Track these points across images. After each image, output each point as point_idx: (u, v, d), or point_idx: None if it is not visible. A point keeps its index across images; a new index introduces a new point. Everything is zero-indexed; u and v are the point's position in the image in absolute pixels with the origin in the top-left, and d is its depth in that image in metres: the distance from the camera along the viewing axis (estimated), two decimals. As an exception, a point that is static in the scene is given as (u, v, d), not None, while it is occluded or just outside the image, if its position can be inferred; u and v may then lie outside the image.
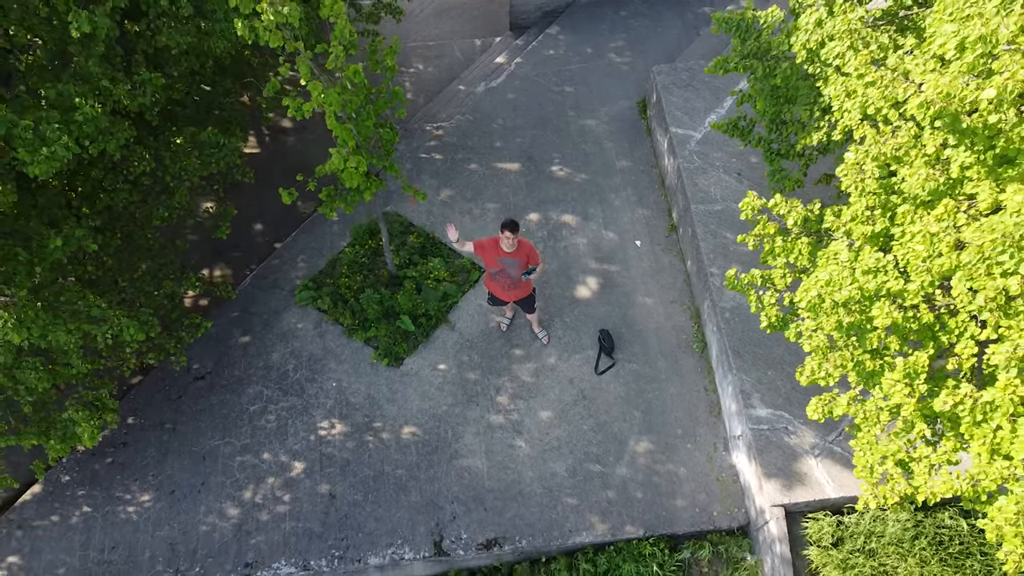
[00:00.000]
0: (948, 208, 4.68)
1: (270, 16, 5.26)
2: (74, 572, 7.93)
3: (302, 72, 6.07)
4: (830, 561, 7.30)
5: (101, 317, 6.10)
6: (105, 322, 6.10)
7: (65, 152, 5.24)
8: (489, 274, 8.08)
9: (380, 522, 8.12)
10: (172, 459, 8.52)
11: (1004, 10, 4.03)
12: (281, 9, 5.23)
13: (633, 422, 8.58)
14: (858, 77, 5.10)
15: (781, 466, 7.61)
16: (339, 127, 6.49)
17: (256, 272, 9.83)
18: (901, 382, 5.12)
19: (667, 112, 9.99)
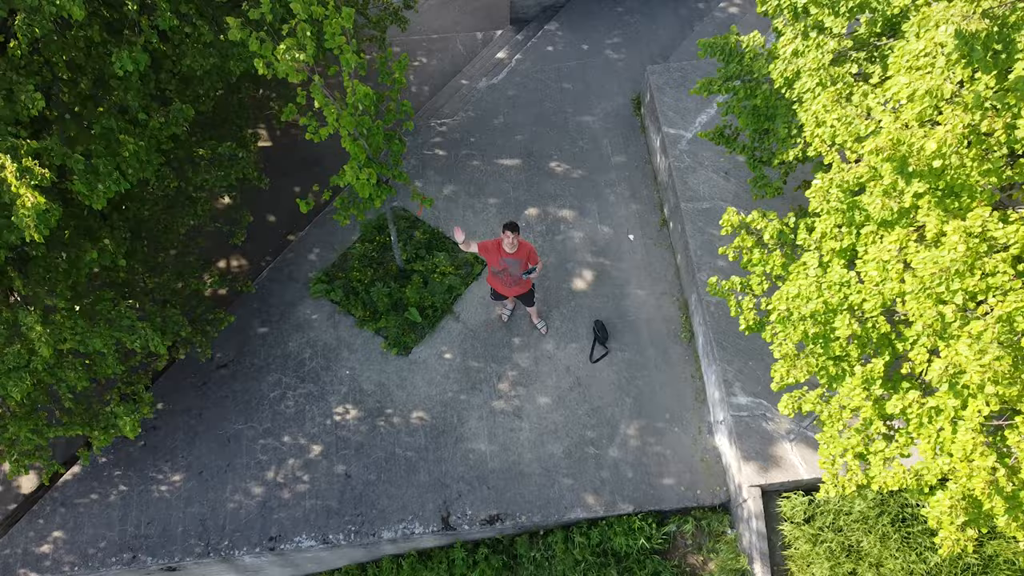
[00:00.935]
0: (900, 237, 5.20)
1: (288, 61, 5.72)
2: (114, 545, 8.63)
3: (316, 98, 6.54)
4: (802, 535, 7.98)
5: (131, 327, 6.68)
6: (135, 332, 6.68)
7: (118, 186, 5.76)
8: (492, 272, 8.62)
9: (392, 499, 8.79)
10: (200, 442, 9.17)
11: (948, 69, 4.51)
12: (297, 56, 5.69)
13: (625, 407, 9.20)
14: (825, 111, 5.58)
15: (759, 449, 8.24)
16: (352, 145, 6.97)
17: (272, 265, 10.37)
18: (859, 386, 5.71)
19: (660, 112, 10.42)
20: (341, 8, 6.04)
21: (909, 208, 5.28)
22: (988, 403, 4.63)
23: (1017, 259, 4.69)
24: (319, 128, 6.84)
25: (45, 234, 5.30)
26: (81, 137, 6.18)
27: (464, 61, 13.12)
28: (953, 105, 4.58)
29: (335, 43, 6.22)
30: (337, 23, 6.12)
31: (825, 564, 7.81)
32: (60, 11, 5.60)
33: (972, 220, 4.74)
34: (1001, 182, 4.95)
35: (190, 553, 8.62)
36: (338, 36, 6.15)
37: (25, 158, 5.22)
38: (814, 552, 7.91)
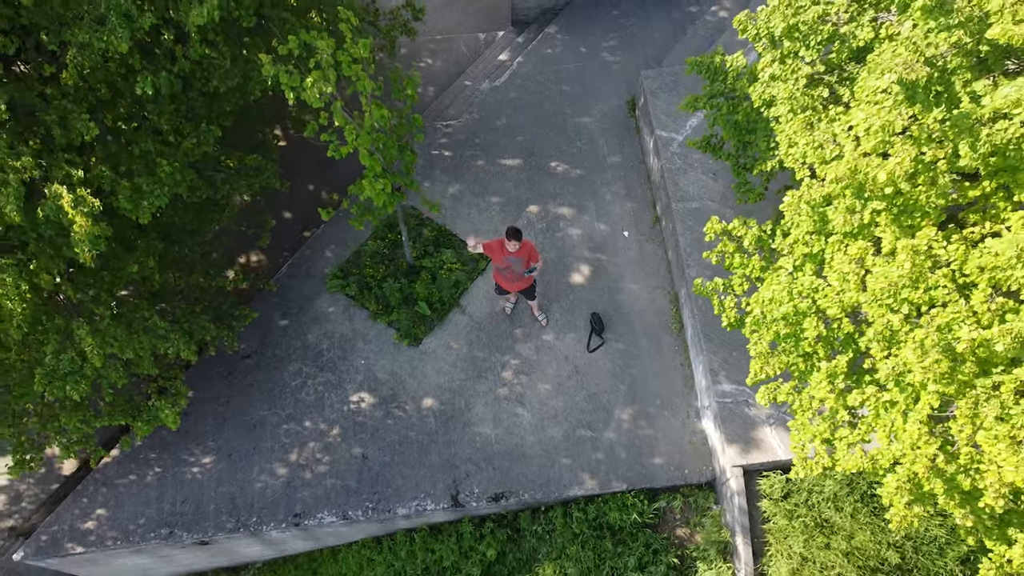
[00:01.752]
0: (859, 250, 5.83)
1: (315, 94, 6.30)
2: (152, 521, 9.37)
3: (337, 119, 7.12)
4: (779, 511, 8.69)
5: (165, 336, 7.33)
6: (168, 340, 7.33)
7: (160, 202, 6.37)
8: (497, 269, 9.25)
9: (406, 479, 9.51)
10: (228, 427, 9.87)
11: (896, 108, 5.09)
12: (325, 89, 6.27)
13: (619, 393, 9.87)
14: (796, 135, 6.17)
15: (741, 433, 8.93)
16: (369, 159, 7.57)
17: (291, 262, 10.99)
18: (825, 381, 6.36)
19: (653, 115, 10.97)
20: (359, 40, 6.60)
21: (868, 223, 5.90)
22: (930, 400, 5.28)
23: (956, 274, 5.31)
24: (340, 147, 7.43)
25: (95, 255, 5.93)
26: (123, 157, 6.78)
27: (467, 62, 13.63)
28: (903, 139, 5.17)
29: (352, 71, 6.79)
30: (355, 52, 6.68)
31: (800, 537, 8.53)
32: (108, 47, 6.18)
33: (920, 239, 5.36)
34: (948, 203, 5.55)
35: (222, 528, 9.35)
36: (355, 65, 6.72)
37: (78, 187, 5.84)
38: (790, 526, 8.63)
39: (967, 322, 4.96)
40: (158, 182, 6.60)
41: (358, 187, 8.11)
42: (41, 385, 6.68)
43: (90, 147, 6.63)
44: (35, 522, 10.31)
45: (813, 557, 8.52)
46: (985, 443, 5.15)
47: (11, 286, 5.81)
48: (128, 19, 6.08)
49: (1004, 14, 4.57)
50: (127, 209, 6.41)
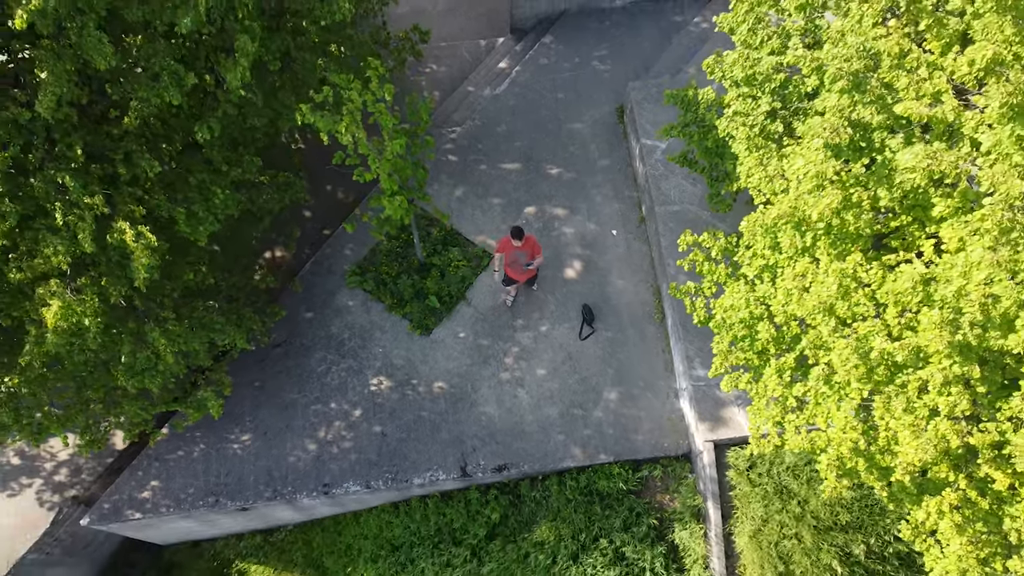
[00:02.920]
0: (803, 267, 6.87)
1: (348, 137, 7.29)
2: (200, 491, 10.58)
3: (361, 148, 8.12)
4: (743, 480, 9.88)
5: (221, 329, 8.42)
6: (224, 333, 8.42)
7: (215, 227, 7.40)
8: (507, 263, 10.36)
9: (420, 453, 10.69)
10: (263, 409, 11.02)
11: (828, 159, 6.10)
12: (358, 135, 7.27)
13: (607, 377, 11.00)
14: (751, 170, 7.17)
15: (713, 412, 10.07)
16: (388, 180, 8.58)
17: (313, 259, 12.03)
18: (775, 374, 7.46)
19: (638, 125, 11.90)
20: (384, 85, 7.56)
21: (810, 246, 6.95)
22: (852, 395, 6.38)
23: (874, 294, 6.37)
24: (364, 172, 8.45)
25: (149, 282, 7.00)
26: (179, 186, 7.80)
27: (470, 67, 14.49)
28: (833, 184, 6.19)
29: (376, 109, 7.77)
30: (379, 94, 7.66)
31: (761, 502, 9.74)
32: (163, 100, 7.16)
33: (848, 263, 6.40)
34: (874, 232, 6.59)
35: (260, 497, 10.56)
36: (379, 104, 7.70)
37: (139, 223, 6.87)
38: (753, 492, 9.82)
39: (880, 334, 6.04)
40: (212, 208, 7.63)
41: (377, 201, 9.13)
42: (123, 380, 7.81)
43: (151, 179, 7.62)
44: (94, 492, 11.51)
45: (772, 519, 9.74)
46: (897, 430, 6.27)
47: (89, 304, 6.88)
48: (177, 77, 7.06)
49: (909, 90, 5.55)
50: (186, 232, 7.45)
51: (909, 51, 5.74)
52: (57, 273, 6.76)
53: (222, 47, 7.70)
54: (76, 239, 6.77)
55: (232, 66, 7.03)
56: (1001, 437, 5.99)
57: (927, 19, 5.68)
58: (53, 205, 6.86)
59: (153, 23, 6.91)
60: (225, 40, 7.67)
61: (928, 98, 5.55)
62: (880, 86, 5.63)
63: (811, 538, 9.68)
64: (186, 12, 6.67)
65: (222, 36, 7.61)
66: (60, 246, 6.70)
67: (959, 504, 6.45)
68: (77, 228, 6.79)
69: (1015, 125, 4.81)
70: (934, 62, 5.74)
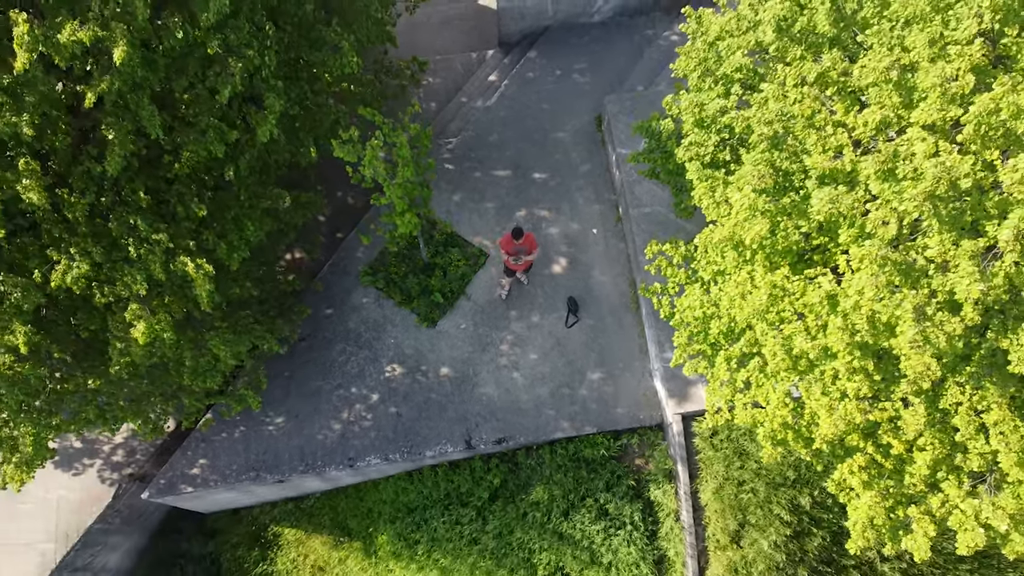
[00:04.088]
0: (744, 277, 8.24)
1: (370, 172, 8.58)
2: (242, 467, 12.03)
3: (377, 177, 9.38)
4: (707, 445, 11.39)
5: (261, 335, 9.77)
6: (264, 339, 9.77)
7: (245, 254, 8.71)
8: (507, 255, 11.67)
9: (431, 430, 12.14)
10: (292, 396, 12.42)
11: (757, 197, 7.42)
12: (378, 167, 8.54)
13: (590, 360, 12.43)
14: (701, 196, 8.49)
15: (680, 389, 11.53)
16: (400, 202, 9.85)
17: (331, 261, 13.32)
18: (724, 362, 8.87)
19: (614, 135, 13.14)
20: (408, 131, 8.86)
21: (750, 259, 8.30)
22: (782, 381, 7.81)
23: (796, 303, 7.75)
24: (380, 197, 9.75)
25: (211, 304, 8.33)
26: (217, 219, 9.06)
27: (462, 79, 15.61)
28: (762, 214, 7.52)
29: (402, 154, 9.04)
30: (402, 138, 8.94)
31: (722, 463, 11.26)
32: (210, 152, 8.39)
33: (777, 276, 7.77)
34: (799, 250, 7.95)
35: (294, 470, 12.02)
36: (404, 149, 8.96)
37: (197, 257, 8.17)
38: (715, 456, 11.34)
39: (800, 334, 7.43)
40: (245, 238, 8.93)
41: (389, 218, 10.43)
42: (188, 380, 9.19)
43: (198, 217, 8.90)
44: (147, 469, 12.95)
45: (731, 477, 11.28)
46: (816, 409, 7.71)
47: (163, 321, 8.21)
48: (221, 132, 8.29)
49: (816, 146, 6.86)
50: (223, 259, 8.75)
51: (819, 111, 7.02)
52: (136, 298, 8.06)
53: (250, 97, 8.91)
54: (149, 269, 8.07)
55: (262, 120, 8.25)
56: (895, 413, 7.44)
57: (832, 88, 6.95)
58: (127, 241, 8.14)
59: (198, 87, 8.13)
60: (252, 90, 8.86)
61: (832, 151, 6.86)
62: (795, 143, 6.94)
63: (764, 492, 11.24)
64: (225, 83, 7.89)
65: (250, 87, 8.81)
66: (138, 275, 8.00)
67: (867, 465, 7.93)
68: (149, 260, 8.09)
69: (887, 184, 6.14)
70: (839, 120, 7.03)
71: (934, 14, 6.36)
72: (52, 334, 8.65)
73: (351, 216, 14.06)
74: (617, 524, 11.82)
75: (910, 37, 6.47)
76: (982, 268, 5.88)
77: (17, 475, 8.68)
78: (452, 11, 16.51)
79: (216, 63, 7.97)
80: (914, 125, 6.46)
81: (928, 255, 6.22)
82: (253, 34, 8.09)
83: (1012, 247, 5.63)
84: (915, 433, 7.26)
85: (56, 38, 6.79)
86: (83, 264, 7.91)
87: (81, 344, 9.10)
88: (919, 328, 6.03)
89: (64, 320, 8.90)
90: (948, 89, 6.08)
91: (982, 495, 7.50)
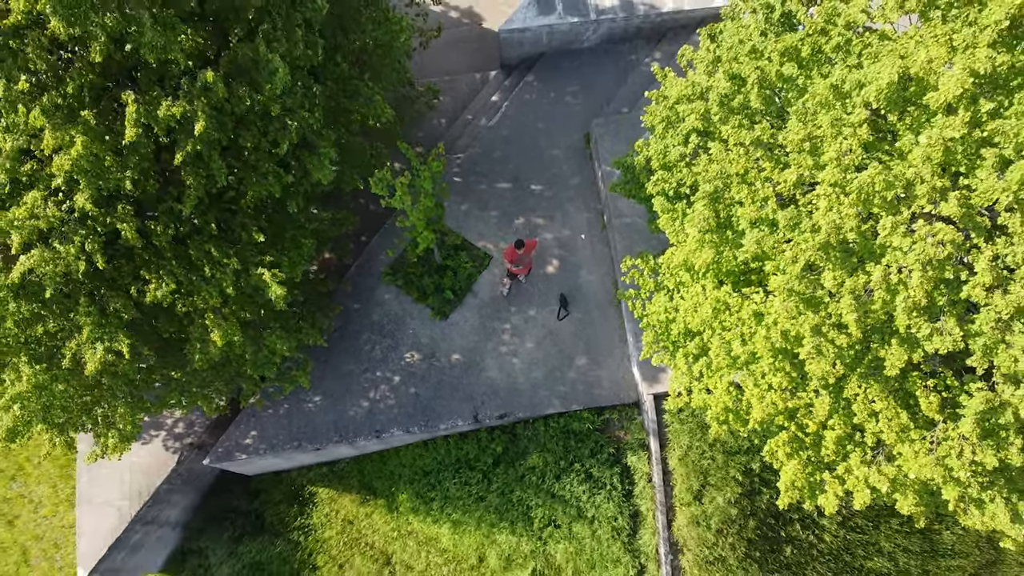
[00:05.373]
0: (695, 293, 10.01)
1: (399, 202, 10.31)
2: (287, 438, 13.95)
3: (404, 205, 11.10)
4: (675, 420, 13.28)
5: (307, 332, 11.60)
6: (310, 334, 11.61)
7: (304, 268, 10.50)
8: (512, 263, 13.44)
9: (444, 407, 14.03)
10: (327, 378, 14.29)
11: (703, 234, 9.14)
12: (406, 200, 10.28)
13: (579, 348, 14.26)
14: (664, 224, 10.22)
15: (653, 374, 13.37)
16: (421, 224, 11.59)
17: (357, 263, 15.09)
18: (683, 358, 10.68)
19: (600, 154, 14.78)
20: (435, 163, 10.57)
21: (701, 277, 10.07)
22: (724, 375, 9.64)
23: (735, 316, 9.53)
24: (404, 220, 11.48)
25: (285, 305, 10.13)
26: (276, 237, 10.80)
27: (468, 97, 17.16)
28: (708, 245, 9.26)
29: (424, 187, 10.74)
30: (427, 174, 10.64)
31: (686, 435, 13.17)
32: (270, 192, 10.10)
33: (721, 292, 9.54)
34: (739, 271, 9.70)
35: (330, 441, 13.95)
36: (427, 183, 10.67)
37: (269, 270, 9.94)
38: (681, 428, 13.23)
39: (737, 340, 9.22)
40: (301, 254, 10.70)
41: (411, 234, 12.17)
42: (251, 370, 11.07)
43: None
44: (204, 440, 14.90)
45: (694, 446, 13.19)
46: (750, 398, 9.55)
47: (234, 327, 10.02)
48: (279, 176, 10.00)
49: (747, 199, 8.56)
50: (286, 271, 10.54)
51: (751, 169, 8.71)
52: (212, 309, 9.86)
53: (303, 142, 10.60)
54: (222, 286, 9.86)
55: (318, 165, 9.96)
56: (809, 401, 9.28)
57: (761, 151, 8.63)
58: (203, 263, 9.92)
59: (261, 142, 9.82)
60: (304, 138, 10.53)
61: (760, 202, 8.57)
62: (730, 196, 8.65)
63: (722, 458, 13.17)
64: (284, 138, 9.57)
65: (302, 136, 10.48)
66: (213, 291, 9.79)
67: (789, 440, 9.79)
68: (221, 279, 9.87)
69: (795, 232, 7.87)
70: (767, 176, 8.72)
71: (836, 101, 8.03)
72: (140, 335, 10.47)
73: (375, 222, 15.76)
74: (599, 485, 13.79)
75: (819, 117, 8.15)
76: (861, 300, 7.65)
77: (119, 447, 10.60)
78: (458, 34, 17.99)
79: (275, 120, 9.65)
80: (823, 183, 8.18)
81: (825, 287, 7.99)
82: (305, 95, 9.75)
83: (880, 284, 7.39)
84: (824, 417, 9.10)
85: (156, 113, 8.48)
86: (169, 283, 9.69)
87: (162, 343, 10.93)
88: (814, 342, 7.84)
89: (148, 324, 10.71)
90: (842, 161, 7.78)
91: (875, 464, 9.38)
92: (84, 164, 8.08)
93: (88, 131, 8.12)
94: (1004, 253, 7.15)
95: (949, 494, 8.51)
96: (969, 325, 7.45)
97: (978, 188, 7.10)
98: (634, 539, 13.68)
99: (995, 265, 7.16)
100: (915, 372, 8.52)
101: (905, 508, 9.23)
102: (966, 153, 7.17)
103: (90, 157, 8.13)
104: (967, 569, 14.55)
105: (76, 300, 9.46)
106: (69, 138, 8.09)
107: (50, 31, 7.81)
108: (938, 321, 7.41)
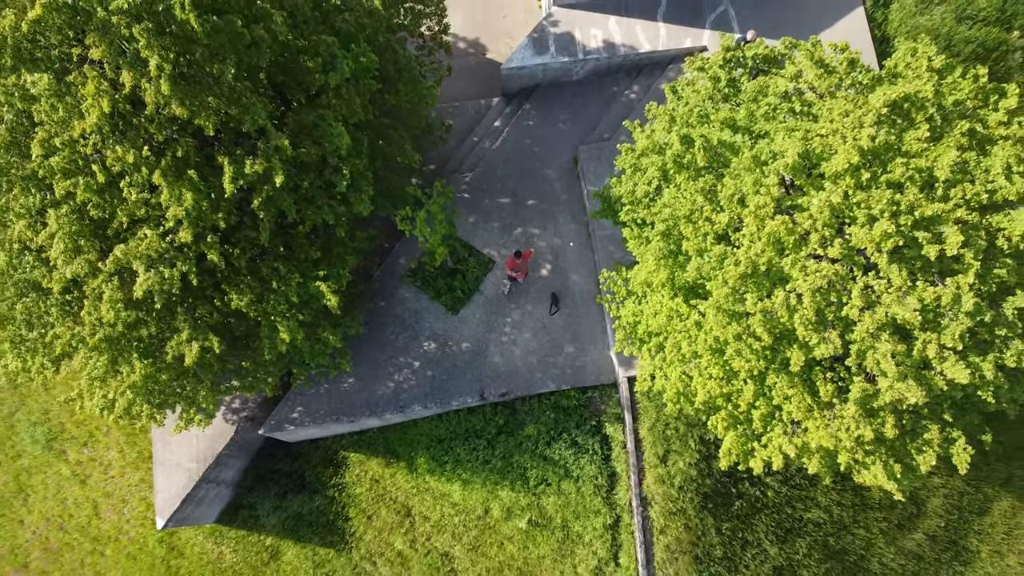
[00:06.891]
0: (654, 302, 12.42)
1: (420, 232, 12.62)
2: (327, 413, 16.44)
3: (426, 234, 13.42)
4: (645, 398, 15.78)
5: (349, 325, 14.01)
6: (351, 327, 14.02)
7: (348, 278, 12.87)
8: (511, 270, 15.79)
9: (456, 387, 16.51)
10: (359, 364, 16.72)
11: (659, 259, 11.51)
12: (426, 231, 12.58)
13: (567, 338, 16.70)
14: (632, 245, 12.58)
15: (627, 361, 15.83)
16: (438, 244, 13.93)
17: (382, 266, 17.44)
18: (647, 352, 13.12)
19: (585, 175, 17.05)
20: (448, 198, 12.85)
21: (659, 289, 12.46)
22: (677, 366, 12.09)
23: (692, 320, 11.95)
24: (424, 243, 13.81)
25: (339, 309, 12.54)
26: (327, 254, 13.14)
27: (474, 122, 19.33)
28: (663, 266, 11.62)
29: (439, 217, 13.04)
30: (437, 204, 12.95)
31: (654, 410, 15.70)
32: (326, 220, 12.43)
33: (674, 303, 11.94)
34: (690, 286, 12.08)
35: (362, 415, 16.44)
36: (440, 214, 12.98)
37: (324, 282, 12.30)
38: (650, 404, 15.74)
39: (685, 341, 11.63)
40: (346, 266, 13.07)
41: (429, 247, 14.53)
42: (309, 359, 13.51)
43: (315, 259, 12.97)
44: (256, 413, 17.38)
45: (660, 419, 15.72)
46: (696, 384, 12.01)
47: (295, 328, 12.43)
48: (332, 208, 12.32)
49: (691, 234, 10.90)
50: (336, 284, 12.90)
51: (696, 211, 11.05)
52: (279, 313, 12.26)
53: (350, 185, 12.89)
54: (287, 296, 12.24)
55: (360, 200, 12.28)
56: (740, 388, 11.75)
57: (703, 198, 10.97)
58: (271, 277, 12.29)
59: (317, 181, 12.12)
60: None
61: (701, 236, 10.92)
62: (678, 234, 11.00)
63: (683, 429, 15.72)
64: (340, 181, 11.88)
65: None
66: (280, 300, 12.17)
67: (726, 417, 12.28)
68: (287, 290, 12.26)
69: (724, 264, 10.24)
70: (708, 216, 11.05)
71: (755, 167, 10.36)
72: (219, 334, 12.88)
73: (395, 232, 18.05)
74: (583, 450, 16.34)
75: (744, 177, 10.48)
76: (769, 315, 10.05)
77: (204, 421, 13.09)
78: (464, 64, 20.08)
79: (330, 166, 11.94)
80: (746, 226, 10.53)
81: (746, 306, 10.39)
82: (354, 146, 12.03)
83: (782, 306, 9.80)
84: (750, 400, 11.58)
85: (243, 171, 10.77)
86: (247, 294, 12.08)
87: (233, 339, 13.34)
88: (736, 347, 10.28)
89: (223, 324, 13.11)
90: (759, 212, 10.13)
91: (794, 436, 11.87)
92: (192, 212, 10.39)
93: (193, 187, 10.42)
94: (872, 284, 9.56)
95: (842, 459, 11.02)
96: (850, 335, 9.89)
97: (853, 238, 9.48)
98: (612, 494, 16.28)
99: (865, 292, 9.58)
100: (818, 367, 10.98)
101: (811, 468, 11.74)
102: (844, 213, 9.54)
103: (194, 207, 10.44)
104: (892, 520, 17.21)
105: (174, 310, 11.83)
106: (179, 193, 10.39)
107: (168, 112, 10.07)
108: (824, 332, 9.85)
